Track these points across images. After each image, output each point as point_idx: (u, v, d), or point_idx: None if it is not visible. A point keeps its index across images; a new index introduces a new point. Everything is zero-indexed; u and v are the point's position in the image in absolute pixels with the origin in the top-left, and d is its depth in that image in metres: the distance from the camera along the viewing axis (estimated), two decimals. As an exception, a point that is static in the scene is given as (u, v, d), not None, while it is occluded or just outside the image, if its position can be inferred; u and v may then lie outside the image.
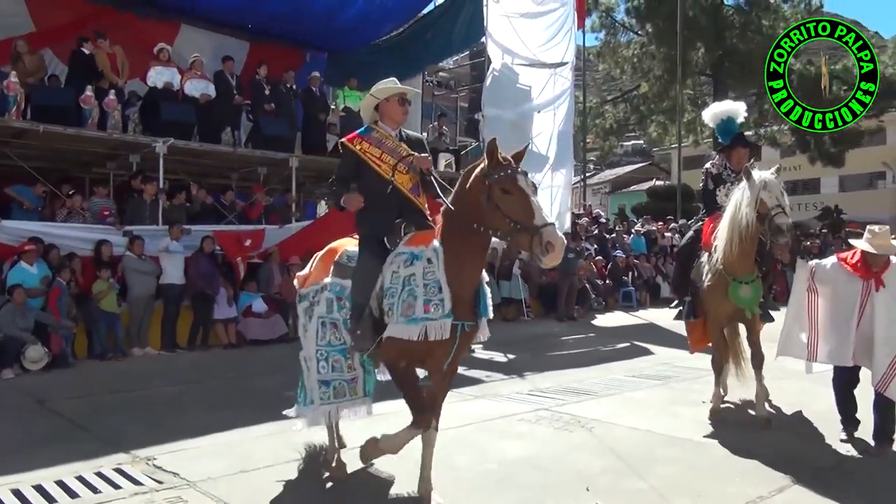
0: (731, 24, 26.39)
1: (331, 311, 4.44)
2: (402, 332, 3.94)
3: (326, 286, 4.49)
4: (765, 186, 5.52)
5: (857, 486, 4.41)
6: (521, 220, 3.68)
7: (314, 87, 14.64)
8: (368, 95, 4.53)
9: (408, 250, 4.09)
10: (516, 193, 3.74)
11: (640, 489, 4.26)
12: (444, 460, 5.05)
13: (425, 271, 3.94)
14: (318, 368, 4.49)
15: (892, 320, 5.03)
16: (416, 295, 3.91)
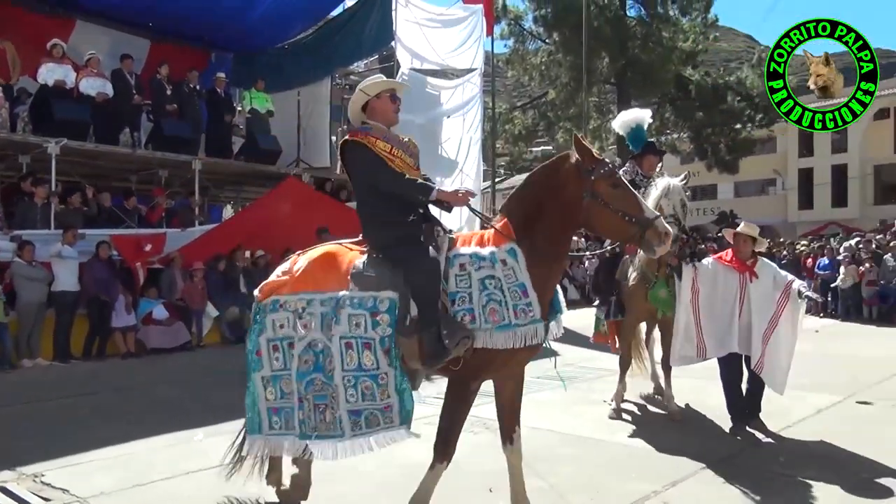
0: (634, 35, 27.24)
1: (360, 329, 3.71)
2: (490, 340, 3.60)
3: (346, 301, 3.75)
4: (666, 193, 5.74)
5: (744, 477, 4.62)
6: (634, 214, 3.65)
7: (219, 88, 14.31)
8: (358, 91, 4.10)
9: (469, 251, 3.76)
10: (624, 187, 3.71)
11: (541, 488, 4.33)
12: (349, 467, 5.00)
13: (505, 273, 3.65)
14: (347, 397, 3.70)
15: (762, 308, 5.54)
16: (498, 300, 3.62)
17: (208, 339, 11.81)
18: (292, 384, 3.82)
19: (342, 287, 3.80)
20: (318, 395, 3.74)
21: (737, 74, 29.63)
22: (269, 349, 3.93)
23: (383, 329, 3.70)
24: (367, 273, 3.82)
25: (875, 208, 34.04)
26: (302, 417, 3.78)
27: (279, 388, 3.90)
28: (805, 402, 6.29)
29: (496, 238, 3.78)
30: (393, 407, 3.71)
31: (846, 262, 14.86)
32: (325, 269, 3.93)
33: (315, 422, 3.75)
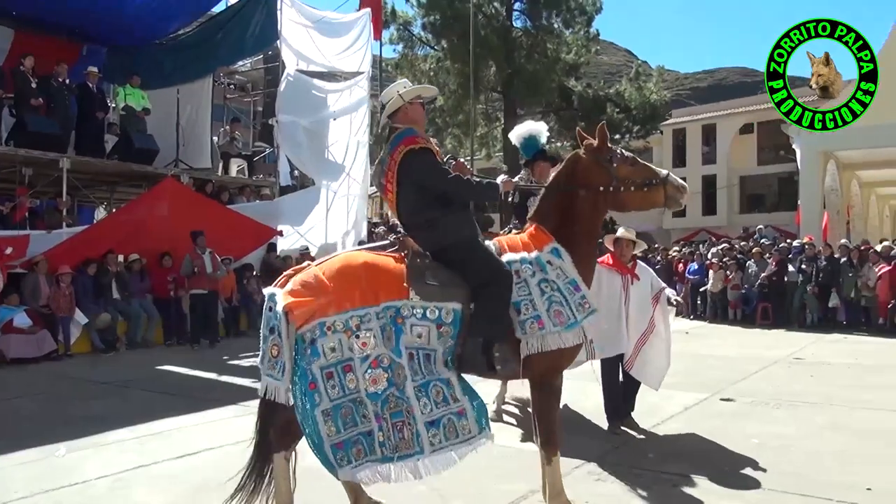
0: (520, 45, 27.93)
1: (423, 340, 3.58)
2: (561, 341, 3.74)
3: (408, 309, 3.58)
4: None
5: (617, 474, 4.78)
6: (652, 178, 4.05)
7: (91, 82, 13.57)
8: (395, 97, 4.01)
9: (518, 257, 3.85)
10: (638, 163, 4.11)
11: (421, 492, 4.32)
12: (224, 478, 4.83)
13: (557, 274, 3.82)
14: (421, 408, 3.54)
15: (641, 309, 5.81)
16: (559, 301, 3.76)
17: (77, 347, 11.14)
18: (363, 408, 3.52)
19: (399, 296, 3.61)
20: (394, 412, 3.54)
21: (616, 87, 30.89)
22: (323, 378, 3.49)
23: (445, 341, 3.64)
24: (431, 282, 3.69)
25: (741, 216, 36.33)
26: (382, 439, 3.54)
27: (339, 418, 3.49)
28: (673, 401, 6.59)
29: (536, 241, 3.93)
30: (466, 412, 3.62)
31: (714, 268, 15.76)
32: (371, 279, 3.64)
33: (395, 441, 3.54)
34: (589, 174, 4.04)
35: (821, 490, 4.41)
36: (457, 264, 3.78)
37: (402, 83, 4.14)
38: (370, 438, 3.53)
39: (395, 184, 3.93)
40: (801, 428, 6.10)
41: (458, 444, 3.59)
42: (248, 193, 15.90)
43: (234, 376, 9.14)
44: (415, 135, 3.93)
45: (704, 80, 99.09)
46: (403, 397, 3.54)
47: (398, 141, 3.92)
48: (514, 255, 3.86)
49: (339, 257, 3.82)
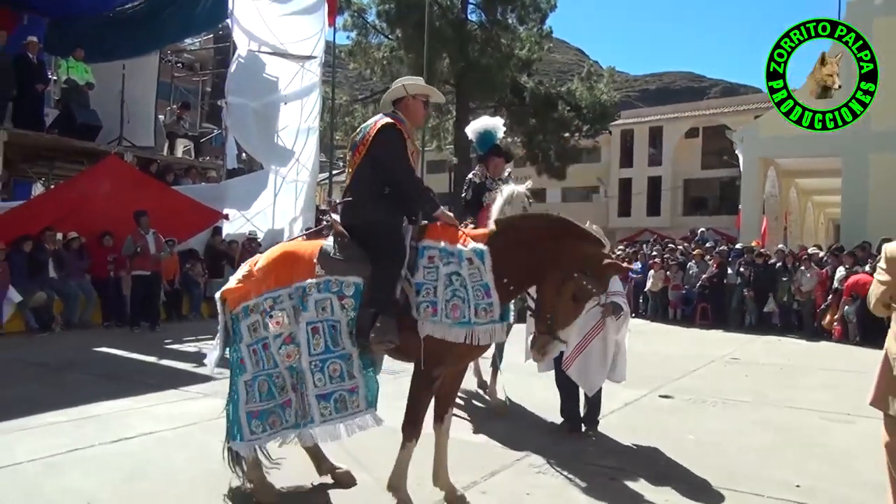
0: (474, 38, 27.95)
1: (328, 312, 3.81)
2: (448, 333, 3.74)
3: (313, 287, 3.82)
4: (510, 201, 5.77)
5: (558, 468, 4.85)
6: (557, 321, 3.80)
7: (31, 53, 13.09)
8: (399, 86, 4.20)
9: (439, 246, 3.86)
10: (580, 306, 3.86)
11: (365, 481, 4.32)
12: (158, 462, 4.77)
13: (470, 272, 3.76)
14: (315, 382, 3.80)
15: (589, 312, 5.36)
16: (462, 297, 3.74)
17: (10, 326, 10.75)
18: (281, 380, 3.89)
19: (308, 276, 3.88)
20: (301, 382, 3.87)
21: (568, 86, 31.19)
22: (250, 354, 3.92)
23: (348, 313, 3.83)
24: (335, 256, 3.92)
25: (683, 218, 37.14)
26: (296, 408, 3.89)
27: (256, 390, 3.89)
28: (615, 397, 6.70)
29: (468, 238, 3.93)
30: (359, 389, 3.86)
31: (656, 267, 16.08)
32: (288, 264, 3.98)
33: (301, 411, 3.88)
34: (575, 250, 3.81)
35: (753, 486, 4.57)
36: (365, 242, 3.96)
37: (415, 79, 4.34)
38: (289, 409, 3.90)
39: (361, 154, 4.09)
40: (735, 425, 6.30)
41: (346, 417, 3.87)
42: (193, 175, 15.59)
43: (174, 360, 8.97)
44: (398, 118, 4.12)
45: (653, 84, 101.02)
46: (300, 370, 3.84)
47: (383, 116, 4.14)
48: (434, 243, 3.91)
49: (274, 247, 4.24)
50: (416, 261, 3.86)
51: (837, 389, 8.11)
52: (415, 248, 3.90)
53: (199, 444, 4.91)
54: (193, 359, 9.09)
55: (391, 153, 4.02)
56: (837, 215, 22.67)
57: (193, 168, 15.87)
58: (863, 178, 17.50)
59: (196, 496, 4.17)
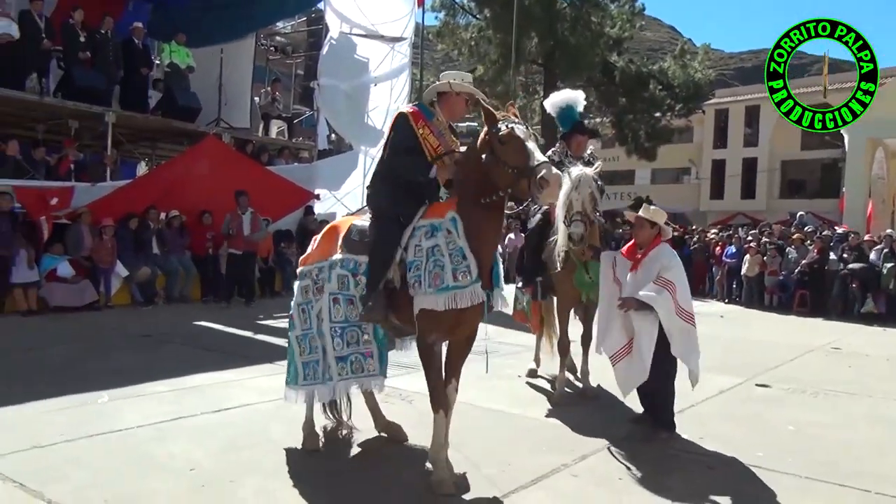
0: (564, 17, 27.45)
1: (345, 287, 4.32)
2: (432, 302, 3.91)
3: (337, 263, 4.36)
4: (577, 186, 5.63)
5: (648, 453, 4.77)
6: (518, 165, 3.74)
7: (137, 38, 13.68)
8: (445, 81, 4.31)
9: (426, 222, 4.07)
10: (512, 141, 3.78)
11: (455, 459, 4.35)
12: (257, 432, 4.95)
13: (447, 241, 3.94)
14: (334, 345, 4.32)
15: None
16: (442, 265, 3.92)
17: (117, 299, 11.36)
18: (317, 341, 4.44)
19: (336, 252, 4.40)
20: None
21: (660, 64, 30.33)
22: (299, 312, 4.58)
23: (362, 288, 4.27)
24: (353, 238, 4.37)
25: (780, 201, 35.65)
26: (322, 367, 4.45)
27: (308, 344, 4.50)
28: (709, 384, 6.51)
29: (445, 208, 4.07)
30: (374, 353, 4.39)
31: (752, 252, 15.50)
32: (329, 239, 4.55)
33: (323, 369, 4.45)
34: (480, 143, 3.96)
35: (856, 480, 4.37)
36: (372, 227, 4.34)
37: (462, 75, 4.44)
38: (318, 366, 4.46)
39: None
40: (838, 417, 6.02)
41: (360, 378, 4.39)
42: (286, 155, 15.99)
43: (268, 335, 9.27)
44: (420, 112, 4.29)
45: (750, 61, 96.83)
46: (320, 334, 4.39)
47: (404, 105, 4.47)
48: (425, 221, 4.09)
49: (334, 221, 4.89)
50: (409, 241, 4.08)
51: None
52: (412, 230, 4.11)
53: (294, 417, 5.05)
54: (286, 334, 9.38)
55: (392, 141, 4.28)
56: (951, 199, 21.29)
57: (287, 149, 16.28)
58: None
59: (290, 466, 4.31)
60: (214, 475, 4.10)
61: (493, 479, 4.16)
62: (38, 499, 3.68)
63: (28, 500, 3.67)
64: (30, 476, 3.94)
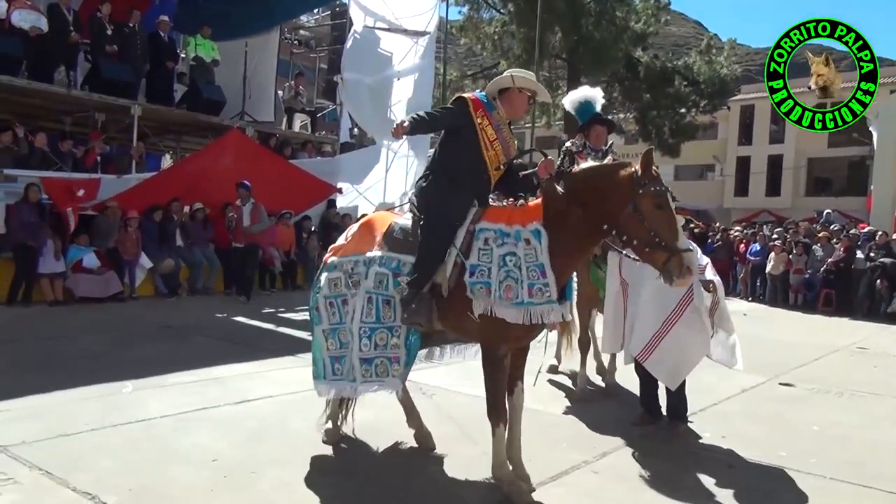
0: (588, 12, 27.24)
1: (383, 287, 4.08)
2: (504, 313, 3.74)
3: (376, 260, 4.13)
4: None
5: (670, 451, 4.76)
6: (665, 238, 3.62)
7: (163, 31, 13.80)
8: (508, 76, 4.21)
9: (493, 227, 3.88)
10: (667, 211, 3.66)
11: (474, 454, 4.36)
12: (278, 424, 4.99)
13: (526, 253, 3.75)
14: (360, 346, 4.11)
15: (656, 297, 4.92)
16: (516, 277, 3.73)
17: (141, 290, 11.49)
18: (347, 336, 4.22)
19: (375, 248, 4.20)
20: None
21: (685, 60, 30.02)
22: (326, 305, 4.33)
23: (402, 289, 4.04)
24: (396, 235, 4.19)
25: (806, 199, 35.21)
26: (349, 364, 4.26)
27: (338, 339, 4.28)
28: (731, 382, 6.46)
29: (524, 216, 3.87)
30: (401, 359, 4.14)
31: (777, 250, 15.33)
32: (365, 233, 4.35)
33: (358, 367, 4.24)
34: (616, 187, 3.72)
35: (880, 482, 4.31)
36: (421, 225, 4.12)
37: (525, 73, 4.32)
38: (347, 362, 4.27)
39: None
40: (863, 418, 5.95)
41: (383, 381, 4.18)
42: (309, 149, 16.06)
43: (290, 328, 9.32)
44: (481, 102, 4.15)
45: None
46: (350, 331, 4.20)
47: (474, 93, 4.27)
48: (491, 225, 3.90)
49: (369, 214, 4.61)
50: (472, 243, 3.88)
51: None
52: (472, 232, 3.92)
53: (315, 410, 5.09)
54: (307, 327, 9.43)
55: (442, 117, 4.17)
56: (983, 199, 20.85)
57: (310, 142, 16.35)
58: None
59: (315, 458, 4.34)
60: (236, 466, 4.13)
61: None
62: (63, 486, 3.74)
63: (53, 488, 3.73)
64: (55, 464, 4.00)
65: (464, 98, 4.16)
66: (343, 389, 4.34)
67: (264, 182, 12.32)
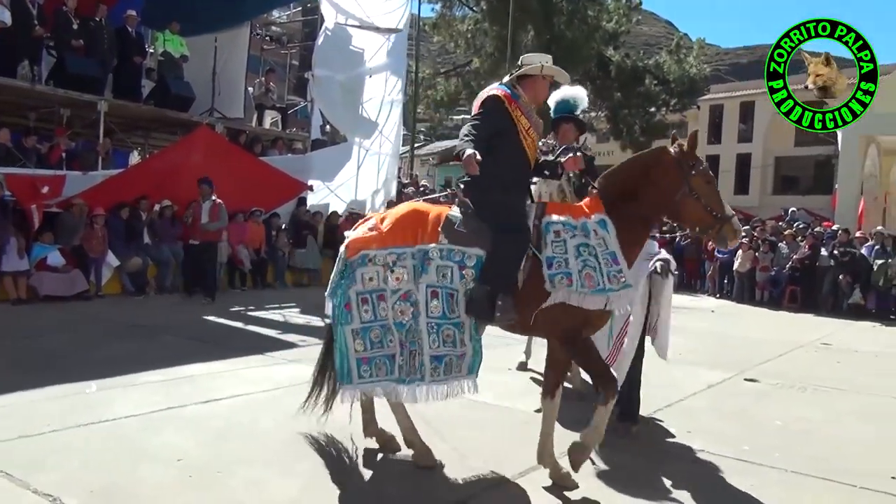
0: (560, 10, 27.38)
1: (448, 280, 3.98)
2: (587, 301, 3.89)
3: (436, 252, 3.99)
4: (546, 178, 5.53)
5: (636, 447, 4.80)
6: (717, 210, 4.00)
7: (130, 26, 13.61)
8: (538, 64, 4.25)
9: (562, 220, 4.03)
10: (714, 184, 4.07)
11: (442, 450, 4.37)
12: (246, 423, 4.95)
13: (597, 242, 3.95)
14: (430, 343, 3.97)
15: None
16: (594, 266, 3.90)
17: (108, 289, 11.33)
18: (390, 334, 4.01)
19: (432, 240, 4.02)
20: (412, 341, 4.00)
21: (655, 59, 30.31)
22: (358, 302, 4.05)
23: (467, 283, 3.98)
24: (459, 228, 4.05)
25: (773, 197, 35.69)
26: (401, 363, 4.02)
27: (368, 338, 4.03)
28: (697, 378, 6.57)
29: (585, 211, 4.07)
30: (466, 355, 4.03)
31: (744, 248, 15.55)
32: (414, 224, 4.12)
33: (408, 367, 4.01)
34: (666, 172, 4.06)
35: (843, 476, 4.39)
36: (487, 218, 4.04)
37: (547, 57, 4.36)
38: (392, 362, 4.02)
39: None
40: (826, 413, 6.06)
41: (451, 379, 4.03)
42: (280, 146, 15.94)
43: (259, 327, 9.26)
44: (510, 94, 4.20)
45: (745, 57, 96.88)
46: (416, 329, 3.98)
47: (492, 87, 4.29)
48: (558, 218, 4.05)
49: (403, 205, 4.33)
50: (544, 237, 4.00)
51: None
52: (538, 226, 4.04)
53: (285, 408, 5.05)
54: (277, 326, 9.40)
55: (482, 122, 4.10)
56: (943, 197, 21.37)
57: (280, 139, 16.23)
58: (973, 157, 16.43)
59: (280, 457, 4.31)
60: (203, 465, 4.09)
61: (478, 470, 4.18)
62: (23, 488, 3.67)
63: (13, 490, 3.66)
64: (17, 466, 3.92)
65: (497, 96, 4.17)
66: (393, 392, 4.06)
67: (234, 179, 12.21)
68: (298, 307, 11.07)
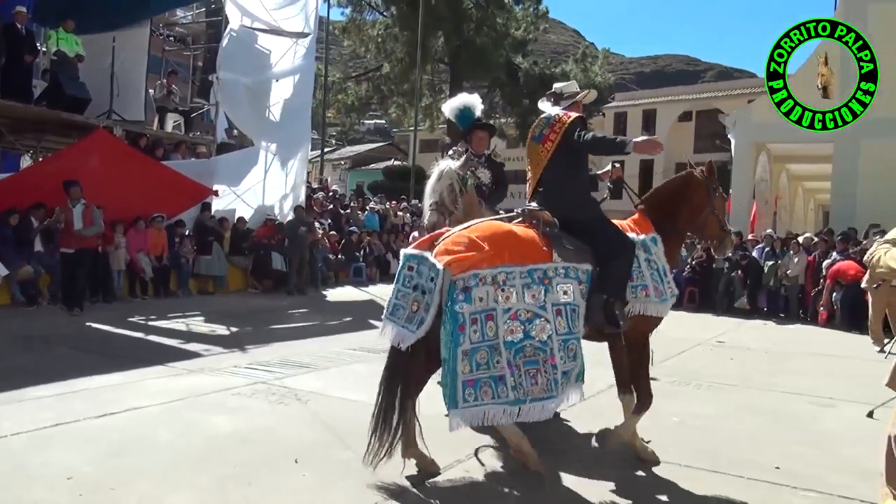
0: (470, 17, 27.77)
1: (569, 297, 4.20)
2: (660, 310, 4.57)
3: (557, 271, 4.19)
4: (439, 178, 5.58)
5: (544, 449, 4.90)
6: (723, 224, 4.95)
7: (20, 23, 12.89)
8: (589, 92, 4.97)
9: (631, 235, 4.58)
10: (724, 202, 4.97)
11: (348, 458, 4.33)
12: (146, 437, 4.77)
13: (658, 257, 4.56)
14: (560, 358, 4.06)
15: None
16: (657, 278, 4.51)
17: (-5, 299, 10.72)
18: (497, 354, 3.93)
19: (543, 259, 4.17)
20: (529, 360, 3.99)
21: (562, 67, 31.10)
22: (469, 322, 3.94)
23: (584, 298, 4.28)
24: (567, 246, 4.32)
25: (674, 202, 37.10)
26: (513, 384, 3.95)
27: (474, 360, 3.92)
28: (601, 378, 6.71)
29: (640, 227, 4.67)
30: (578, 364, 4.23)
31: (646, 250, 16.10)
32: (516, 243, 4.17)
33: (528, 386, 3.98)
34: (697, 192, 4.83)
35: (734, 468, 4.61)
36: (585, 235, 4.43)
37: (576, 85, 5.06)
38: (501, 383, 3.94)
39: (555, 144, 4.59)
40: (720, 408, 6.35)
41: (571, 388, 4.25)
42: (183, 150, 15.46)
43: (161, 336, 8.97)
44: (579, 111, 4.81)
45: (648, 66, 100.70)
46: (546, 349, 4.03)
47: (566, 110, 4.73)
48: (633, 235, 4.61)
49: (485, 224, 4.31)
50: None
51: (824, 374, 8.20)
52: None
53: (184, 420, 4.91)
54: (180, 335, 9.12)
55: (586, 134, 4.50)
56: (827, 201, 22.71)
57: (183, 143, 15.73)
58: (853, 164, 17.53)
59: (179, 471, 4.18)
60: (95, 483, 3.92)
61: (384, 477, 4.16)
62: None
63: None
64: None
65: (582, 117, 4.71)
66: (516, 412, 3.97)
67: (133, 184, 11.77)
68: (202, 315, 10.77)
